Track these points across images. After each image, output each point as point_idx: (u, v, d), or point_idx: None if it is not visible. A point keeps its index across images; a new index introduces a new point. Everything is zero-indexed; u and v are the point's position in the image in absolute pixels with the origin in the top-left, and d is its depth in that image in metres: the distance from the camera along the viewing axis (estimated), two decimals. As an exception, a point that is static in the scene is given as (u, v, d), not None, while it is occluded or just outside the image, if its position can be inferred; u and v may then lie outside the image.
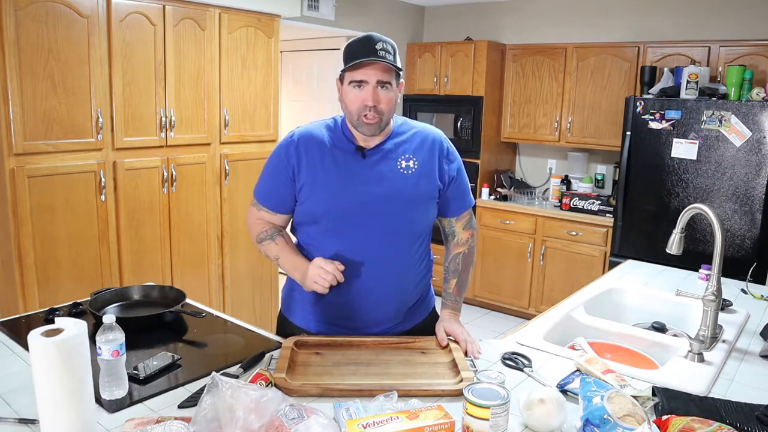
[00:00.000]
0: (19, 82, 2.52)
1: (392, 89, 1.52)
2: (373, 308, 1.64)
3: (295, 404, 1.16)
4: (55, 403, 1.08)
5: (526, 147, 5.09)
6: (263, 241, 1.67)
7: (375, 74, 1.48)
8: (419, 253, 1.67)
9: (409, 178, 1.58)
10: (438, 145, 1.65)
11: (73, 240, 2.79)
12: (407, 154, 1.60)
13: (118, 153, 2.92)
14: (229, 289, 3.57)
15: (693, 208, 1.72)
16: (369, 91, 1.48)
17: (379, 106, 1.50)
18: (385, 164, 1.58)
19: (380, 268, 1.60)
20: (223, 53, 3.31)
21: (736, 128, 3.46)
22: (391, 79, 1.50)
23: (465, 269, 1.74)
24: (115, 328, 1.27)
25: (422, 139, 1.64)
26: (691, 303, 2.08)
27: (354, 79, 1.49)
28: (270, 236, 1.67)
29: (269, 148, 3.64)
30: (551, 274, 4.43)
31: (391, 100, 1.52)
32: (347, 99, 1.53)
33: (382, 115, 1.51)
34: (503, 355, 1.56)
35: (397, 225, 1.59)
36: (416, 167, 1.60)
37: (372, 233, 1.57)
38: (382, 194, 1.56)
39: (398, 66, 1.51)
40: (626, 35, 4.36)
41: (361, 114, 1.50)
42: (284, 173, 1.60)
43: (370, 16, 4.76)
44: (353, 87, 1.50)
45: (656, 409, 1.30)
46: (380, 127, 1.53)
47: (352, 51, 1.49)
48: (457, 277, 1.73)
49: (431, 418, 1.13)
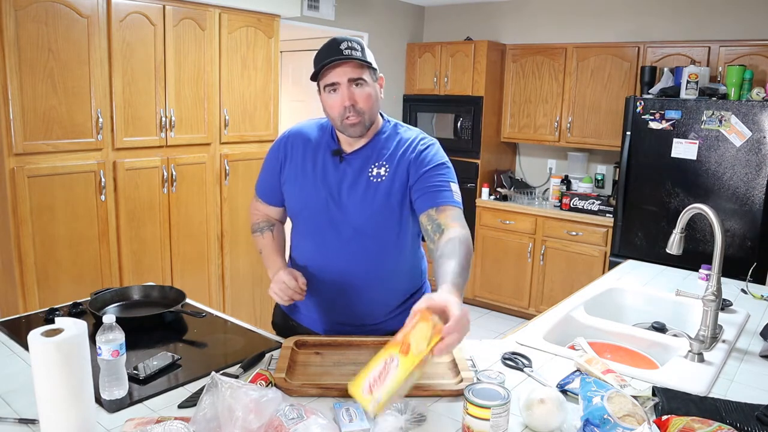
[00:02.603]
0: (19, 82, 2.52)
1: (368, 85, 1.48)
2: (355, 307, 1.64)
3: (295, 404, 1.16)
4: (55, 403, 1.08)
5: (526, 147, 5.09)
6: (255, 232, 1.76)
7: (345, 73, 1.45)
8: (403, 254, 1.65)
9: (377, 186, 1.55)
10: (408, 145, 1.57)
11: (73, 240, 2.79)
12: (381, 160, 1.57)
13: (118, 153, 2.92)
14: (229, 289, 3.57)
15: (693, 208, 1.72)
16: (344, 92, 1.46)
17: (357, 105, 1.47)
18: (358, 171, 1.56)
19: (357, 269, 1.60)
20: (223, 53, 3.31)
21: (736, 128, 3.46)
22: (363, 75, 1.47)
23: (464, 256, 1.35)
24: (115, 328, 1.27)
25: (398, 143, 1.58)
26: (691, 303, 2.08)
27: (327, 83, 1.47)
28: (260, 229, 1.74)
29: (269, 148, 3.66)
30: (551, 274, 4.43)
31: (369, 97, 1.48)
32: (326, 105, 1.52)
33: (363, 114, 1.49)
34: (503, 355, 1.56)
35: (367, 229, 1.57)
36: (387, 174, 1.55)
37: (342, 236, 1.58)
38: (348, 200, 1.56)
39: (366, 60, 1.47)
40: (626, 35, 4.36)
41: (343, 117, 1.48)
42: (275, 167, 1.67)
43: (370, 16, 4.76)
44: (329, 93, 1.49)
45: (656, 409, 1.30)
46: (365, 126, 1.51)
47: (318, 58, 1.48)
48: (456, 258, 1.32)
49: (422, 339, 1.07)
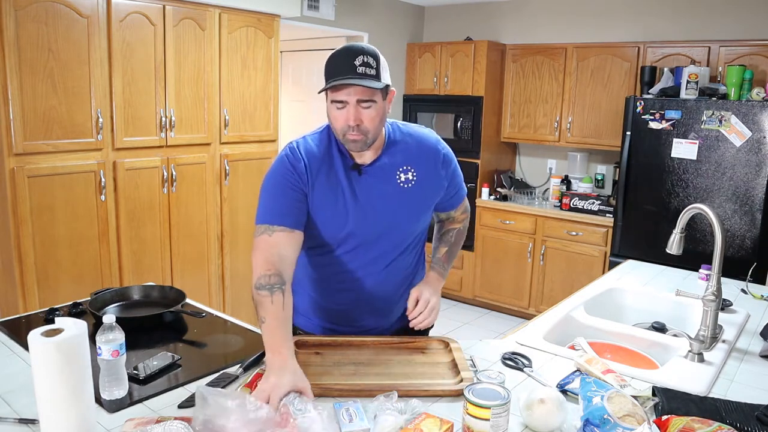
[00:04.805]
0: (19, 82, 2.52)
1: (376, 105, 1.43)
2: (372, 315, 1.66)
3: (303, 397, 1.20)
4: (55, 403, 1.08)
5: (526, 147, 5.09)
6: (261, 289, 1.40)
7: (355, 93, 1.40)
8: (414, 256, 1.68)
9: (409, 192, 1.56)
10: (434, 153, 1.60)
11: (73, 240, 2.79)
12: (405, 165, 1.56)
13: (118, 153, 2.92)
14: (229, 289, 3.57)
15: (693, 208, 1.72)
16: (351, 112, 1.41)
17: (362, 125, 1.43)
18: (384, 180, 1.54)
19: (379, 278, 1.61)
20: (223, 53, 3.31)
21: (736, 128, 3.46)
22: (373, 97, 1.42)
23: (456, 243, 1.77)
24: (115, 328, 1.27)
25: (418, 146, 1.59)
26: (691, 303, 2.08)
27: (334, 99, 1.43)
28: (270, 287, 1.40)
29: (269, 148, 3.66)
30: (551, 274, 4.43)
31: (375, 118, 1.44)
32: (331, 117, 1.48)
33: (367, 134, 1.45)
34: (503, 355, 1.56)
35: (398, 238, 1.60)
36: (415, 179, 1.56)
37: (374, 249, 1.57)
38: (384, 212, 1.54)
39: (379, 85, 1.41)
40: (626, 35, 4.36)
41: (345, 132, 1.45)
42: (298, 190, 1.50)
43: (370, 16, 4.76)
44: (336, 107, 1.44)
45: (656, 409, 1.30)
46: (366, 144, 1.47)
47: (331, 68, 1.42)
48: (449, 247, 1.75)
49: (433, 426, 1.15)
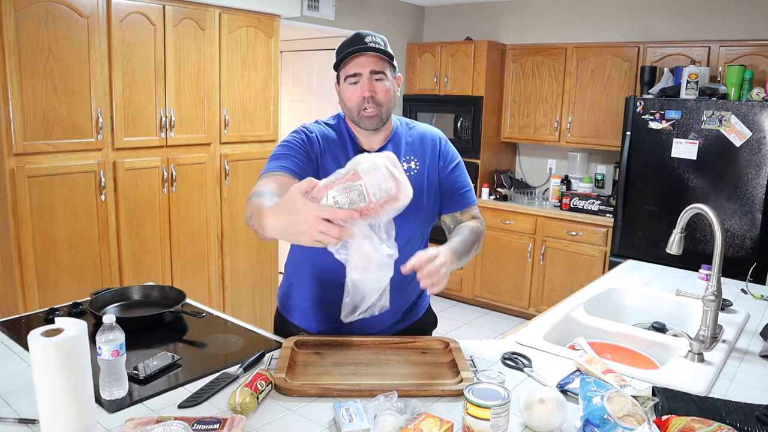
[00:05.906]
0: (19, 82, 2.52)
1: (388, 79, 1.52)
2: None
3: None
4: (55, 403, 1.08)
5: (526, 147, 5.09)
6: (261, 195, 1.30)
7: (368, 63, 1.48)
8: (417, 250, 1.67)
9: (413, 180, 1.56)
10: (432, 142, 1.65)
11: (73, 240, 2.79)
12: (408, 155, 1.60)
13: (118, 153, 2.92)
14: (229, 289, 3.57)
15: (693, 208, 1.72)
16: (365, 83, 1.48)
17: (376, 97, 1.49)
18: None
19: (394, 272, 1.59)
20: (223, 53, 3.31)
21: (736, 128, 3.46)
22: (384, 69, 1.50)
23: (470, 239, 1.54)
24: (115, 328, 1.27)
25: (421, 137, 1.65)
26: (691, 303, 2.08)
27: (348, 73, 1.50)
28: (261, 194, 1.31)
29: (269, 148, 3.66)
30: (551, 274, 4.43)
31: (389, 91, 1.52)
32: (345, 96, 1.53)
33: (382, 107, 1.51)
34: (503, 355, 1.56)
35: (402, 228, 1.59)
36: (417, 168, 1.60)
37: None
38: None
39: (390, 54, 1.50)
40: (626, 35, 4.36)
41: (361, 108, 1.50)
42: (306, 153, 1.49)
43: (370, 16, 4.76)
44: (349, 83, 1.51)
45: (656, 409, 1.30)
46: (381, 120, 1.53)
47: (342, 48, 1.51)
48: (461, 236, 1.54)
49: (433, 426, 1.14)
